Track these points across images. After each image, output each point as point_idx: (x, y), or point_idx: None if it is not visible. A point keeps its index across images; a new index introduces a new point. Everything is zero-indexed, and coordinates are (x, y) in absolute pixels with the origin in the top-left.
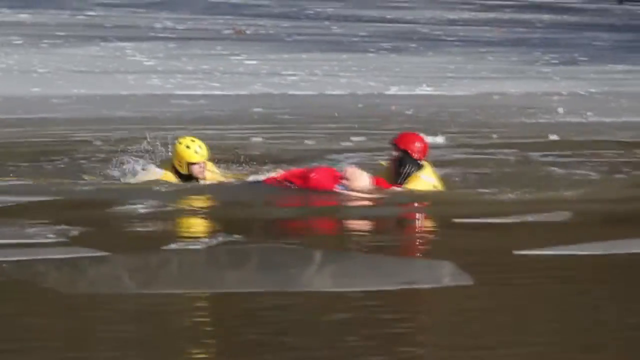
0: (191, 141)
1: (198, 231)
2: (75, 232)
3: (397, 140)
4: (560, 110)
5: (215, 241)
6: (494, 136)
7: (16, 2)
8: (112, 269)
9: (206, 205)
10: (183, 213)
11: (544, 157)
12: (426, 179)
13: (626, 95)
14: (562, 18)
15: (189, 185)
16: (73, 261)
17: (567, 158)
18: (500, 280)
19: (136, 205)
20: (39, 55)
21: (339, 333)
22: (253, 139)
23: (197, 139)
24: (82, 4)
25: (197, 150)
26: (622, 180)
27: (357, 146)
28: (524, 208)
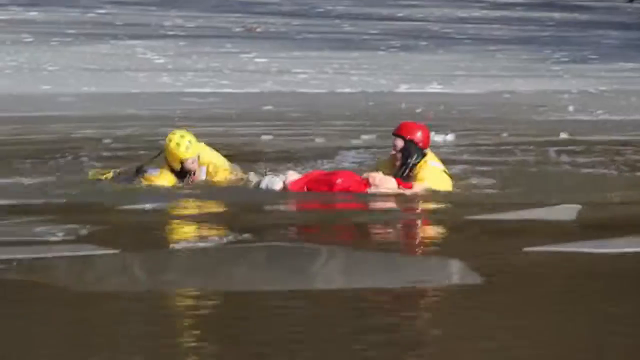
0: (181, 137)
1: (207, 230)
2: (84, 231)
3: (401, 130)
4: (570, 108)
5: (224, 240)
6: (504, 134)
7: (27, 0)
8: (121, 267)
9: (217, 205)
10: (192, 212)
11: (554, 155)
12: (434, 165)
13: (636, 93)
14: (573, 16)
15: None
16: (82, 259)
17: (577, 156)
18: (510, 278)
19: (146, 204)
20: (49, 53)
21: (348, 331)
22: (263, 137)
23: (186, 133)
24: (93, 2)
25: (188, 146)
26: (633, 177)
27: (368, 144)
28: (534, 205)
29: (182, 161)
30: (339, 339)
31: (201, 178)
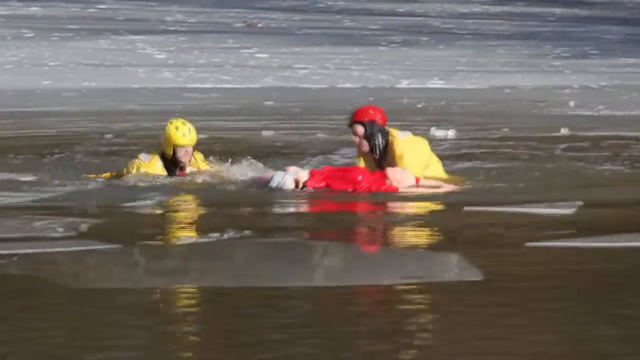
0: (182, 124)
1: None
2: (84, 226)
3: (357, 116)
4: (571, 103)
5: (226, 236)
6: (505, 129)
7: None
8: (121, 263)
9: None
10: (193, 208)
11: (555, 150)
12: (403, 136)
13: (637, 88)
14: (573, 11)
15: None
16: (82, 254)
17: (578, 151)
18: (510, 273)
19: (146, 199)
20: (50, 48)
21: (347, 327)
22: (264, 132)
23: (189, 123)
24: None
25: (186, 133)
26: (635, 173)
27: None
28: (535, 200)
29: (176, 146)
30: (338, 336)
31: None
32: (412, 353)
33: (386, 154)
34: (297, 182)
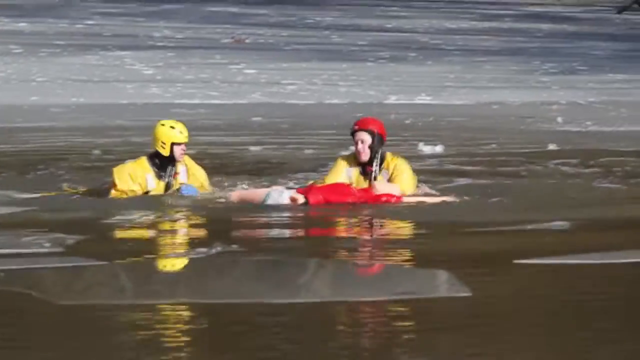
0: (175, 123)
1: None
2: (70, 241)
3: (368, 125)
4: (559, 119)
5: (213, 251)
6: (493, 145)
7: (15, 11)
8: (108, 279)
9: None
10: (180, 223)
11: (543, 167)
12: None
13: (625, 104)
14: (561, 27)
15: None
16: (69, 270)
17: (566, 167)
18: (499, 290)
19: (133, 215)
20: (38, 64)
21: (336, 342)
22: (252, 148)
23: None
24: (81, 13)
25: (182, 131)
26: (622, 189)
27: None
28: (523, 217)
29: (173, 144)
30: (326, 351)
31: (181, 179)
32: None
33: (380, 168)
34: (295, 200)
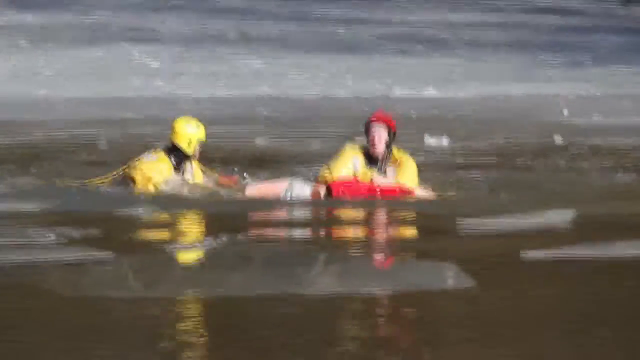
0: (195, 120)
1: (203, 233)
2: (77, 234)
3: (387, 120)
4: (565, 112)
5: (219, 243)
6: (499, 138)
7: (22, 4)
8: (116, 271)
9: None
10: (188, 215)
11: (549, 159)
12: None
13: (631, 97)
14: (567, 20)
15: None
16: (75, 263)
17: (572, 160)
18: (505, 283)
19: (140, 207)
20: (45, 57)
21: (341, 336)
22: (258, 141)
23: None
24: (88, 7)
25: (203, 129)
26: (628, 182)
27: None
28: (529, 210)
29: (201, 143)
30: (333, 343)
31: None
32: None
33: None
34: (317, 193)
